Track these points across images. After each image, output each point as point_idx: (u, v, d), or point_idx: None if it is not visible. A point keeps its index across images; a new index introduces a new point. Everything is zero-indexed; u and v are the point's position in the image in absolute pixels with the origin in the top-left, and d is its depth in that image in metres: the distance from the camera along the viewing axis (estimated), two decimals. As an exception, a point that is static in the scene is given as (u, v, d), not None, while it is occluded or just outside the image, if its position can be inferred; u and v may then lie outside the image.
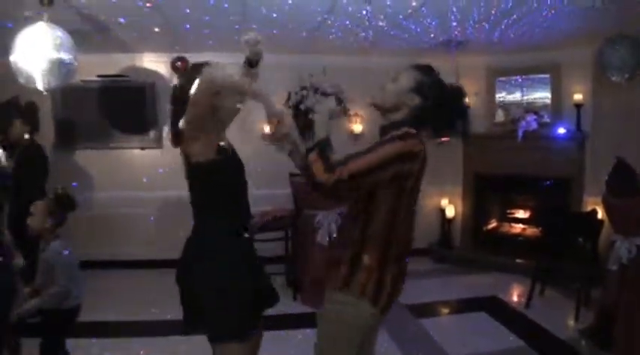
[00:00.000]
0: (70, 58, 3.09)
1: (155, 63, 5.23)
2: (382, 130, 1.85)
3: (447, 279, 5.19)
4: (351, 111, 5.53)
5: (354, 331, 1.79)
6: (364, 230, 1.77)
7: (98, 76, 5.04)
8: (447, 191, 5.83)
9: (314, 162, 1.63)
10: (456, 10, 3.64)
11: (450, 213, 5.80)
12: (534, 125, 5.11)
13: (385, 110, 1.84)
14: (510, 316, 4.06)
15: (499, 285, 4.80)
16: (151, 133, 5.27)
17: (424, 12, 3.72)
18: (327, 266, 1.96)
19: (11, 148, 3.89)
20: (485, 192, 5.80)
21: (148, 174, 5.07)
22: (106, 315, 3.78)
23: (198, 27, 4.07)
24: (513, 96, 5.53)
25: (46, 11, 3.05)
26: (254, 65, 2.29)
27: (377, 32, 4.24)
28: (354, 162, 1.63)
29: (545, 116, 5.28)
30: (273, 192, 5.03)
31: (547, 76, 5.32)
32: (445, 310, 4.42)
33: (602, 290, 3.62)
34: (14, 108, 3.96)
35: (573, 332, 3.67)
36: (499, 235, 5.81)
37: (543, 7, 3.54)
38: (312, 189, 1.67)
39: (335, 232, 4.14)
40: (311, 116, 5.33)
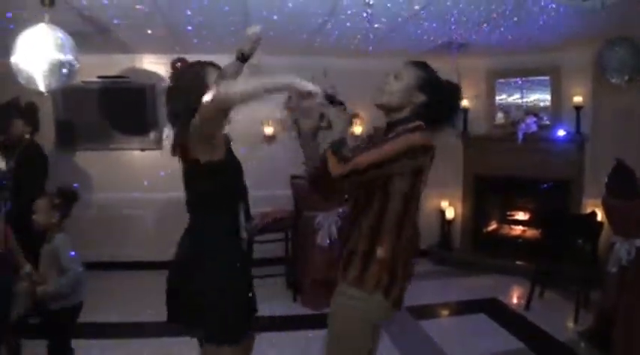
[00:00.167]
0: (70, 59, 3.09)
1: (155, 64, 5.23)
2: (389, 127, 1.86)
3: (447, 281, 5.19)
4: (352, 113, 5.54)
5: (368, 325, 1.82)
6: (377, 222, 1.78)
7: (98, 77, 5.04)
8: (446, 193, 5.83)
9: (329, 158, 1.68)
10: (456, 12, 3.65)
11: (450, 214, 5.80)
12: (534, 127, 5.12)
13: (391, 110, 1.85)
14: (510, 318, 4.07)
15: (499, 287, 4.81)
16: (151, 134, 5.28)
17: (424, 14, 3.73)
18: (332, 262, 1.98)
19: (12, 148, 3.90)
20: (485, 193, 5.81)
21: (148, 176, 5.07)
22: (105, 316, 3.79)
23: (199, 28, 4.08)
24: (513, 98, 5.54)
25: (47, 12, 3.05)
26: (246, 60, 2.27)
27: (377, 34, 4.25)
28: (368, 154, 1.67)
29: (545, 118, 5.28)
30: (273, 194, 5.03)
31: (547, 78, 5.33)
32: (445, 312, 4.42)
33: (601, 293, 3.62)
34: (15, 108, 3.97)
35: (573, 334, 3.67)
36: (499, 237, 5.82)
37: (543, 10, 3.54)
38: (318, 188, 1.73)
39: (335, 234, 4.15)
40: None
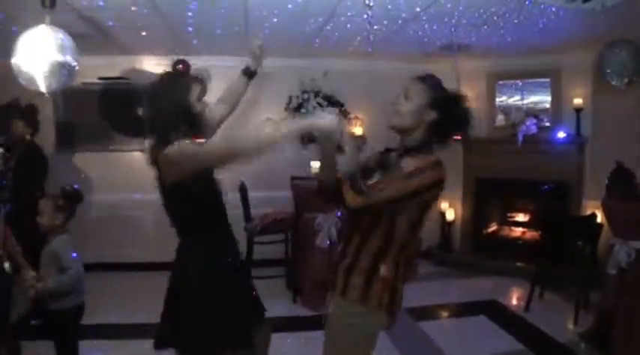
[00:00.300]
0: (71, 61, 3.09)
1: (156, 65, 5.22)
2: (407, 150, 1.84)
3: (447, 283, 5.19)
4: (351, 115, 5.55)
5: (369, 340, 1.86)
6: (384, 242, 1.80)
7: (99, 78, 5.05)
8: (447, 194, 5.80)
9: (345, 187, 1.70)
10: (456, 14, 3.66)
11: (450, 216, 5.81)
12: (534, 129, 5.12)
13: (404, 131, 1.84)
14: (510, 319, 4.06)
15: (499, 289, 4.81)
16: (152, 136, 5.27)
17: (425, 16, 3.73)
18: (331, 271, 1.98)
19: (12, 149, 3.91)
20: (485, 195, 5.81)
21: (148, 177, 5.05)
22: (104, 317, 3.78)
23: (199, 30, 4.09)
24: (513, 100, 5.55)
25: (47, 14, 3.06)
26: (252, 76, 2.24)
27: (378, 36, 4.25)
28: (387, 189, 1.69)
29: (545, 120, 5.29)
30: (273, 195, 5.04)
31: (547, 80, 5.34)
32: (445, 313, 4.42)
33: (601, 294, 3.62)
34: (15, 109, 3.98)
35: (572, 336, 3.67)
36: (499, 239, 5.82)
37: (544, 12, 3.55)
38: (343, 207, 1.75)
39: (335, 235, 4.15)
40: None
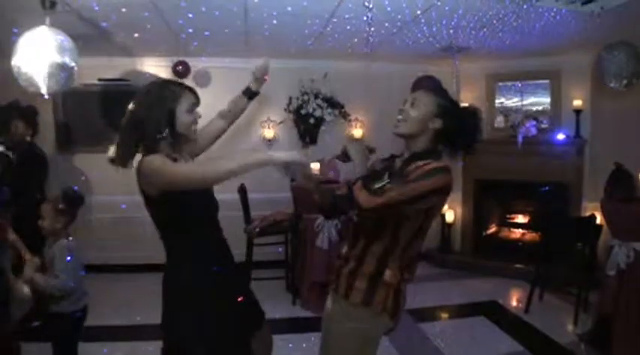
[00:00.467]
0: (71, 62, 3.10)
1: (156, 67, 5.23)
2: (413, 156, 1.85)
3: (447, 284, 5.19)
4: (351, 116, 5.56)
5: (371, 344, 1.88)
6: (389, 247, 1.82)
7: (99, 79, 5.05)
8: (446, 196, 5.82)
9: (359, 191, 1.71)
10: (456, 16, 3.66)
11: (450, 218, 5.80)
12: (534, 131, 5.13)
13: (409, 137, 1.87)
14: (510, 321, 4.07)
15: (498, 290, 4.81)
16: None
17: (424, 19, 3.74)
18: (331, 265, 1.99)
19: (12, 150, 3.92)
20: (484, 197, 5.81)
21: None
22: (104, 319, 3.78)
23: (200, 32, 4.09)
24: (513, 101, 5.56)
25: (48, 15, 3.06)
26: (252, 97, 2.27)
27: (378, 38, 4.26)
28: (401, 190, 1.70)
29: (545, 122, 5.29)
30: (273, 196, 5.04)
31: (547, 81, 5.34)
32: (445, 315, 4.42)
33: (600, 295, 3.62)
34: (15, 110, 3.99)
35: (572, 337, 3.67)
36: (498, 240, 5.82)
37: (543, 15, 3.56)
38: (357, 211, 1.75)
39: (335, 236, 4.14)
40: (311, 121, 5.37)
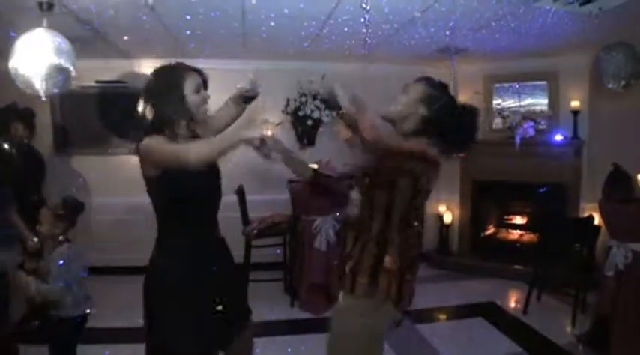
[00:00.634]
0: (68, 64, 3.09)
1: (153, 69, 5.23)
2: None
3: (445, 285, 5.19)
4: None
5: (379, 340, 1.91)
6: (381, 234, 1.83)
7: (97, 81, 5.05)
8: (444, 197, 5.83)
9: (361, 125, 1.70)
10: (454, 18, 3.67)
11: (448, 219, 5.81)
12: (531, 132, 5.13)
13: (395, 121, 1.90)
14: (508, 322, 4.07)
15: (496, 291, 4.81)
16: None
17: (422, 20, 3.74)
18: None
19: (10, 152, 3.91)
20: (482, 198, 5.81)
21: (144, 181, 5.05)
22: (103, 321, 3.76)
23: (197, 33, 4.09)
24: (511, 102, 5.56)
25: (45, 17, 3.06)
26: (247, 101, 2.31)
27: (375, 39, 4.26)
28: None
29: (542, 123, 5.30)
30: (270, 198, 5.03)
31: (544, 82, 5.35)
32: (443, 316, 4.42)
33: (598, 296, 3.63)
34: (13, 113, 3.98)
35: (570, 338, 3.67)
36: (497, 241, 5.82)
37: (541, 16, 3.56)
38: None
39: (333, 238, 4.14)
40: (309, 122, 5.36)
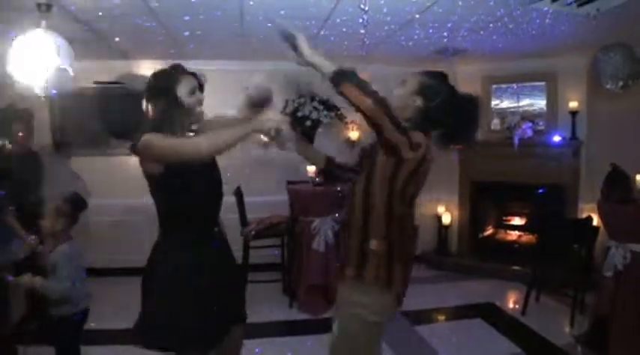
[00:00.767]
0: (67, 65, 3.09)
1: (152, 70, 5.15)
2: None
3: (444, 286, 5.19)
4: (348, 119, 5.54)
5: (375, 328, 1.87)
6: (364, 211, 1.82)
7: (95, 82, 5.04)
8: (443, 198, 5.83)
9: (352, 92, 1.79)
10: (453, 19, 3.67)
11: (447, 220, 5.81)
12: (530, 133, 5.14)
13: None
14: (506, 323, 4.07)
15: (495, 292, 4.81)
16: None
17: (420, 21, 3.74)
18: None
19: (9, 153, 3.92)
20: (481, 199, 5.82)
21: (145, 181, 5.05)
22: (104, 322, 3.75)
23: (196, 34, 4.08)
24: (509, 103, 5.56)
25: (43, 18, 3.05)
26: (261, 106, 2.23)
27: (373, 40, 4.27)
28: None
29: (541, 123, 5.31)
30: (269, 199, 5.03)
31: (542, 83, 5.36)
32: (441, 317, 4.42)
33: (597, 297, 3.63)
34: (11, 113, 3.98)
35: (569, 339, 3.67)
36: (495, 242, 5.83)
37: (539, 17, 3.57)
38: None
39: (332, 239, 4.14)
40: (308, 123, 5.36)
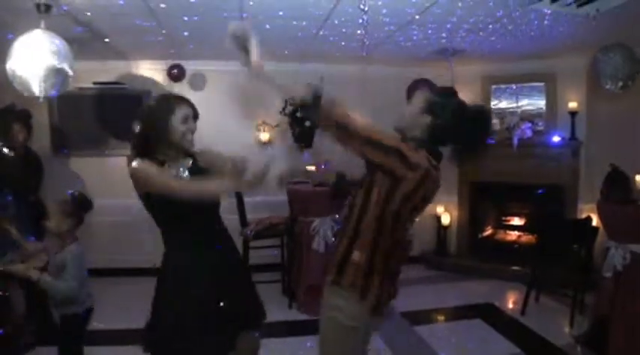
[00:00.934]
0: (66, 66, 3.09)
1: (151, 70, 5.23)
2: None
3: (443, 286, 5.19)
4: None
5: (350, 333, 1.84)
6: (357, 224, 1.82)
7: (94, 83, 5.04)
8: (442, 198, 5.81)
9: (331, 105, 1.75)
10: (452, 19, 3.67)
11: (446, 220, 5.81)
12: (529, 133, 5.15)
13: (403, 131, 1.88)
14: (506, 323, 4.07)
15: (495, 292, 4.81)
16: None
17: (420, 21, 3.74)
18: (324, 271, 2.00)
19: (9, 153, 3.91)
20: (480, 199, 5.82)
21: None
22: (105, 323, 3.75)
23: (195, 34, 4.08)
24: (508, 103, 5.56)
25: (43, 18, 3.05)
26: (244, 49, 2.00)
27: (373, 41, 4.26)
28: (363, 124, 1.74)
29: (540, 124, 5.31)
30: (268, 199, 5.03)
31: (542, 84, 5.36)
32: (441, 317, 4.42)
33: (596, 297, 3.63)
34: (10, 114, 3.97)
35: (568, 339, 3.67)
36: (495, 242, 5.83)
37: (538, 17, 3.57)
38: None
39: (331, 239, 4.14)
40: (307, 123, 5.36)
